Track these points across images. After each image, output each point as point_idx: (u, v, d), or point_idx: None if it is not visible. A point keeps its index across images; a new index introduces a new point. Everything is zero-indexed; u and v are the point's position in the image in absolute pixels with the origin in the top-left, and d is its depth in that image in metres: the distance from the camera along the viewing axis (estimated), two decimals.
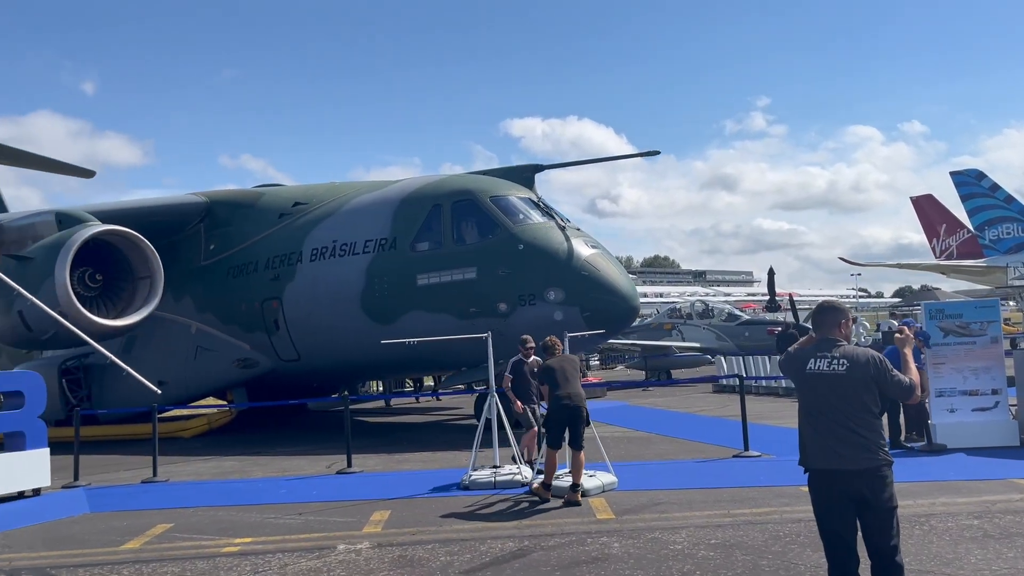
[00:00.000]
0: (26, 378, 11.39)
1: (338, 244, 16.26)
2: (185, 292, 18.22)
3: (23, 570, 7.18)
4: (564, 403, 9.08)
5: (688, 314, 31.15)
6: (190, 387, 18.15)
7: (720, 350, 28.10)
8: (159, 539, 8.15)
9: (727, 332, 29.36)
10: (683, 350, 29.39)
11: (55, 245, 14.98)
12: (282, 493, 10.31)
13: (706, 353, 29.03)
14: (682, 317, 31.17)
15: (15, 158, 25.88)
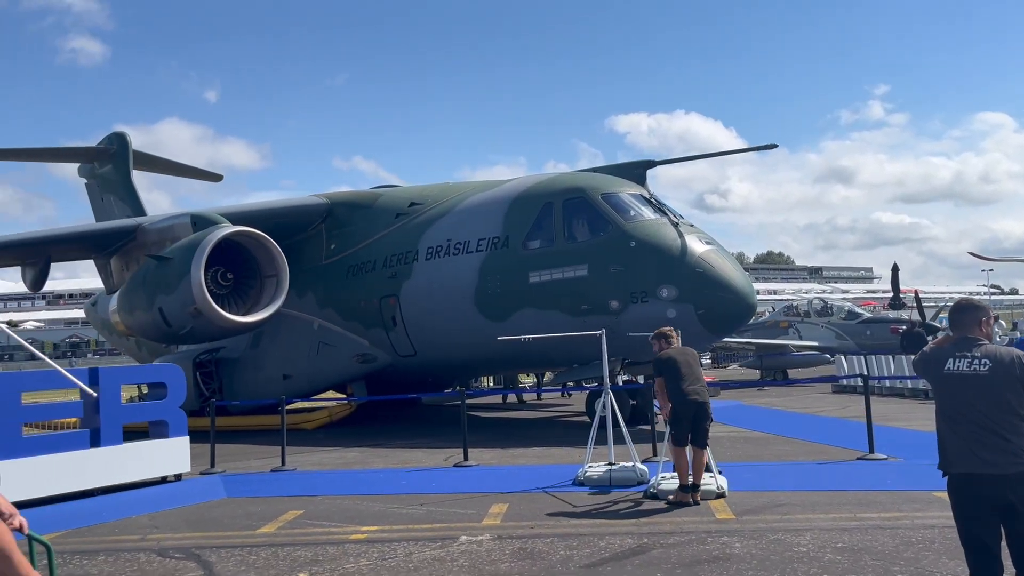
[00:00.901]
0: (168, 370, 12.17)
1: (452, 243, 16.62)
2: (308, 290, 19.01)
3: (171, 549, 7.72)
4: (690, 398, 8.90)
5: (805, 312, 30.19)
6: (313, 381, 18.93)
7: (840, 349, 27.12)
8: (291, 524, 8.58)
9: (847, 330, 28.30)
10: (800, 349, 28.50)
11: (191, 246, 15.94)
12: (403, 484, 10.65)
13: (825, 352, 28.06)
14: (799, 315, 30.23)
15: (153, 164, 27.67)
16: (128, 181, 25.64)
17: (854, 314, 29.57)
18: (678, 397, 8.92)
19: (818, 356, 28.31)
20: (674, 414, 8.96)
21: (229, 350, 19.81)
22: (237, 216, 17.65)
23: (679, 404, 8.91)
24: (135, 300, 17.04)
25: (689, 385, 8.93)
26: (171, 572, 6.91)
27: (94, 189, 26.90)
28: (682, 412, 8.89)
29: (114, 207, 25.71)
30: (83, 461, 10.50)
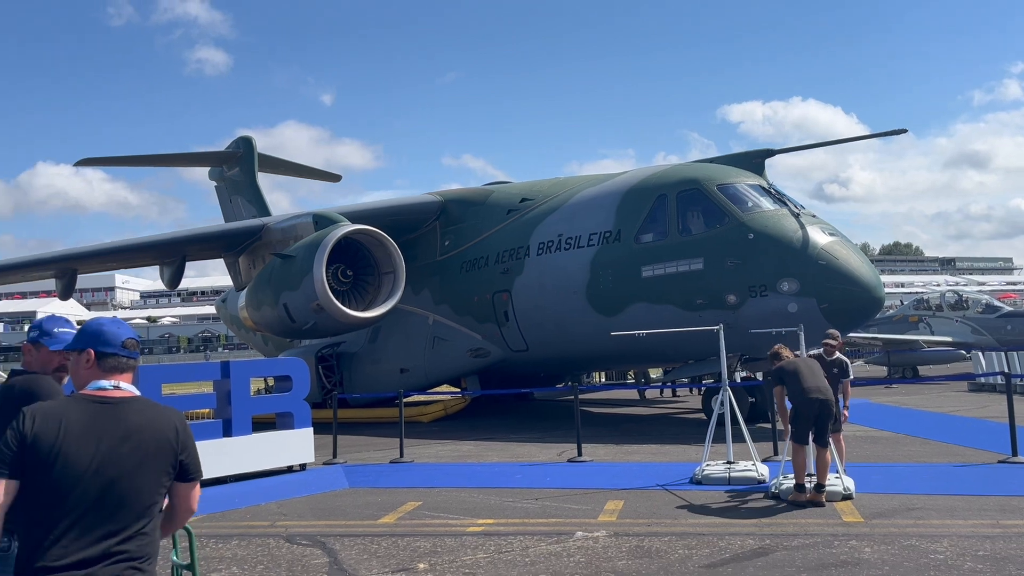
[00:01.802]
0: (293, 364, 12.69)
1: (563, 238, 16.59)
2: (423, 286, 19.41)
3: (298, 536, 8.03)
4: (811, 396, 8.58)
5: (937, 305, 28.52)
6: (428, 375, 19.33)
7: (976, 345, 25.50)
8: (410, 515, 8.77)
9: (985, 325, 26.57)
10: (932, 344, 26.97)
11: (313, 244, 16.55)
12: (517, 478, 10.72)
13: (959, 348, 26.46)
14: (930, 309, 28.60)
15: (276, 166, 28.90)
16: (254, 183, 26.88)
17: (993, 307, 27.73)
18: (799, 397, 8.63)
19: (952, 352, 26.74)
20: (795, 412, 8.68)
21: (349, 344, 20.48)
22: (356, 215, 18.20)
23: (800, 403, 8.62)
24: (261, 297, 17.85)
25: (810, 383, 8.62)
26: (298, 558, 7.19)
27: (223, 191, 28.33)
28: (803, 410, 8.59)
29: (241, 208, 27.01)
30: (216, 450, 11.06)
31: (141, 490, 2.90)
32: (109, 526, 2.84)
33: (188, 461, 3.03)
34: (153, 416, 2.99)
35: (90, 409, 2.93)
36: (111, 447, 2.87)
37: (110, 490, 2.85)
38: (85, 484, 2.83)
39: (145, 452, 2.91)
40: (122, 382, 3.06)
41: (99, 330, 3.11)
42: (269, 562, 7.10)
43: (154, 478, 2.93)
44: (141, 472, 2.90)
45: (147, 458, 2.91)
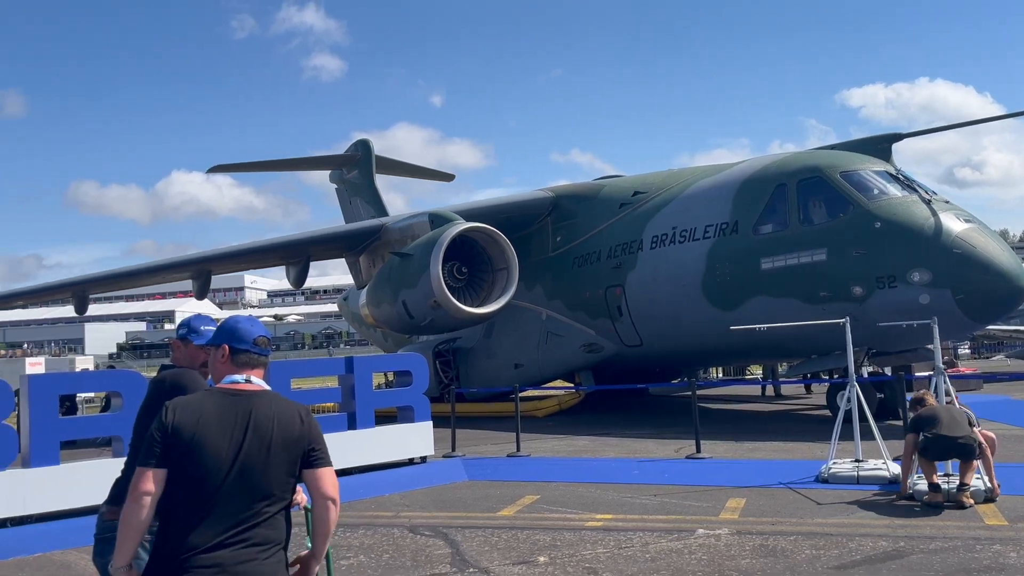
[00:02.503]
0: (413, 360, 13.01)
1: (678, 231, 16.33)
2: (536, 281, 19.53)
3: (421, 527, 8.26)
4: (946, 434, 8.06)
5: None
6: (542, 370, 19.44)
7: None
8: (529, 509, 8.86)
9: None
10: None
11: (429, 243, 16.94)
12: (635, 474, 10.64)
13: None
14: None
15: (392, 168, 29.71)
16: (372, 184, 27.73)
17: None
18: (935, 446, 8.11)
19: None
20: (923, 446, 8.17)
21: (465, 340, 20.84)
22: (469, 213, 18.49)
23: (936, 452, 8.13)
24: (381, 294, 18.41)
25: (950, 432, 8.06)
26: (422, 548, 7.39)
27: (343, 193, 29.35)
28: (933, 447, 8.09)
29: (361, 209, 27.91)
30: (342, 442, 11.46)
31: (269, 478, 3.04)
32: (240, 512, 3.01)
33: (315, 448, 3.14)
34: (280, 409, 3.14)
35: (223, 401, 3.13)
36: (241, 437, 3.04)
37: (241, 478, 3.01)
38: (218, 472, 3.01)
39: (272, 442, 3.06)
40: (253, 376, 3.24)
41: (234, 327, 3.31)
42: (394, 551, 7.33)
43: (281, 467, 3.06)
44: (268, 461, 3.04)
45: (274, 448, 3.06)
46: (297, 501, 3.80)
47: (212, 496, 3.01)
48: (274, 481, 3.05)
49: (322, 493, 3.14)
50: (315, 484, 3.14)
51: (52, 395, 9.77)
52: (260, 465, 3.03)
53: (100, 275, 21.30)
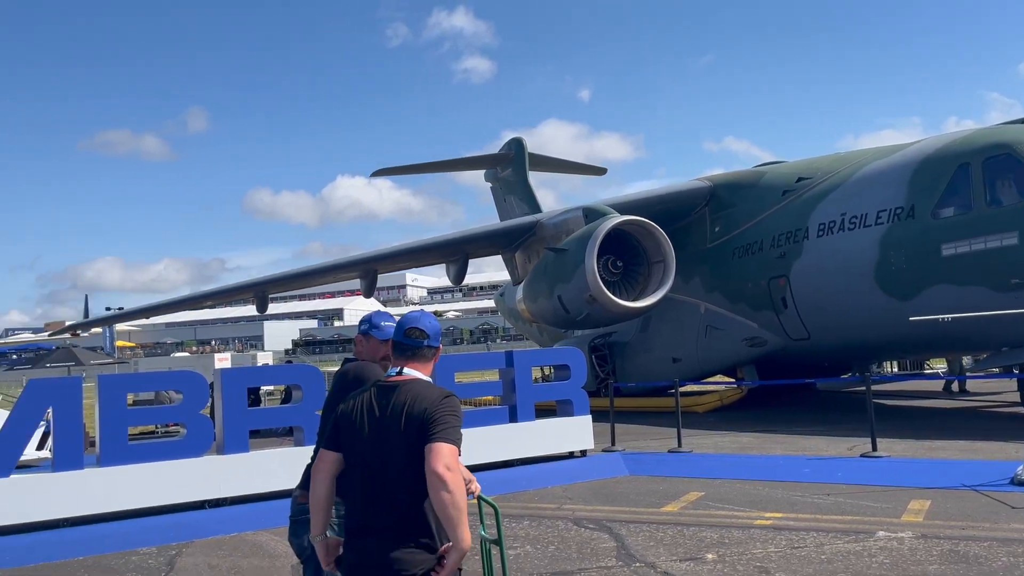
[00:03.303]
0: (570, 354, 13.08)
1: (847, 217, 15.48)
2: (693, 274, 19.11)
3: (584, 520, 8.30)
4: None
5: None
6: (702, 364, 19.00)
7: None
8: (693, 505, 8.71)
9: None
10: None
11: (584, 237, 16.95)
12: (806, 472, 10.20)
13: None
14: None
15: (545, 164, 29.96)
16: (525, 182, 28.08)
17: None
18: None
19: None
20: None
21: (620, 334, 20.71)
22: (623, 206, 18.36)
23: None
24: (537, 289, 18.62)
25: None
26: (587, 541, 7.43)
27: (497, 192, 29.91)
28: None
29: (515, 206, 28.34)
30: (503, 435, 11.73)
31: (406, 463, 3.11)
32: (380, 498, 3.14)
33: (431, 423, 3.06)
34: (418, 394, 3.19)
35: (375, 392, 3.29)
36: (381, 426, 3.18)
37: (381, 465, 3.15)
38: (364, 459, 3.20)
39: (401, 427, 3.14)
40: (407, 367, 3.34)
41: (397, 322, 3.50)
42: (560, 543, 7.41)
43: (410, 453, 3.10)
44: (402, 446, 3.12)
45: (404, 432, 3.13)
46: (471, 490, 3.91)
47: (360, 482, 3.20)
48: (410, 466, 3.09)
49: (429, 468, 3.00)
50: (425, 458, 3.04)
51: (242, 388, 10.57)
52: (394, 452, 3.13)
53: (278, 276, 22.81)
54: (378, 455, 3.15)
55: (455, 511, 2.96)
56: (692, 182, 19.91)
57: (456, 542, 3.01)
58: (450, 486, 2.95)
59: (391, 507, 3.09)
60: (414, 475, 3.06)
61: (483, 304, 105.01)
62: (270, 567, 7.15)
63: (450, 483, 2.96)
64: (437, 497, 2.96)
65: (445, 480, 2.95)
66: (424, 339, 3.38)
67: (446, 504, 2.95)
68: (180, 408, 10.49)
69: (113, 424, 9.57)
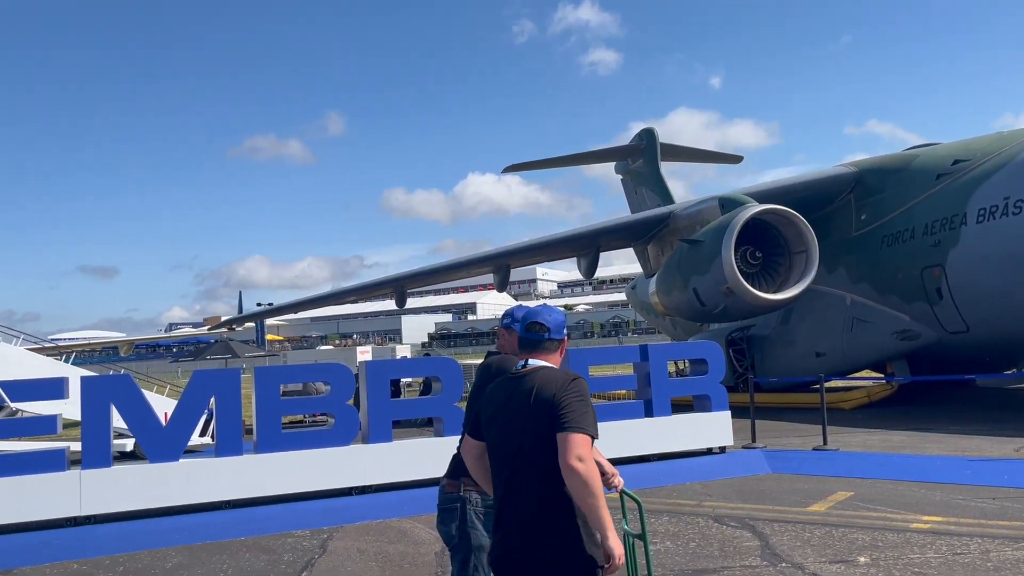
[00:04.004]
0: (708, 348, 12.76)
1: (1011, 201, 14.35)
2: (838, 264, 18.25)
3: (725, 517, 8.11)
4: None
5: None
6: (847, 359, 18.12)
7: None
8: (842, 505, 8.34)
9: None
10: None
11: (720, 228, 16.51)
12: (967, 474, 9.55)
13: None
14: None
15: (677, 154, 29.41)
16: (657, 172, 27.65)
17: None
18: None
19: None
20: None
21: (760, 327, 20.07)
22: (761, 194, 17.75)
23: None
24: (671, 282, 18.30)
25: None
26: (729, 539, 7.26)
27: (628, 183, 29.61)
28: None
29: (646, 198, 27.97)
30: (639, 429, 11.61)
31: (529, 453, 3.11)
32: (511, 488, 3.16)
33: (560, 412, 3.02)
34: (545, 378, 3.17)
35: (504, 383, 3.34)
36: (512, 415, 3.20)
37: (516, 453, 3.17)
38: (497, 448, 3.25)
39: (530, 414, 3.13)
40: (532, 359, 3.35)
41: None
42: (701, 540, 7.28)
43: (536, 441, 3.09)
44: (525, 436, 3.13)
45: (533, 419, 3.11)
46: (614, 484, 3.90)
47: (499, 472, 3.26)
48: (538, 454, 3.08)
49: (560, 459, 2.98)
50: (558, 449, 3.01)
51: (385, 379, 10.98)
52: (526, 440, 3.13)
53: (415, 272, 23.51)
54: (512, 444, 3.19)
55: (592, 500, 2.95)
56: (836, 168, 19.00)
57: (600, 531, 3.00)
58: (583, 477, 2.93)
59: (528, 496, 3.10)
60: (548, 462, 3.05)
61: (613, 297, 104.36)
62: (415, 553, 7.40)
63: (583, 474, 2.94)
64: (572, 488, 2.95)
65: (577, 471, 2.94)
66: (545, 332, 3.39)
67: (581, 495, 2.95)
68: (328, 399, 11.01)
69: (269, 413, 10.16)
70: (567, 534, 3.03)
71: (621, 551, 3.04)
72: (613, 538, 3.00)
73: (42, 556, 7.97)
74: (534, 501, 3.09)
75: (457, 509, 4.14)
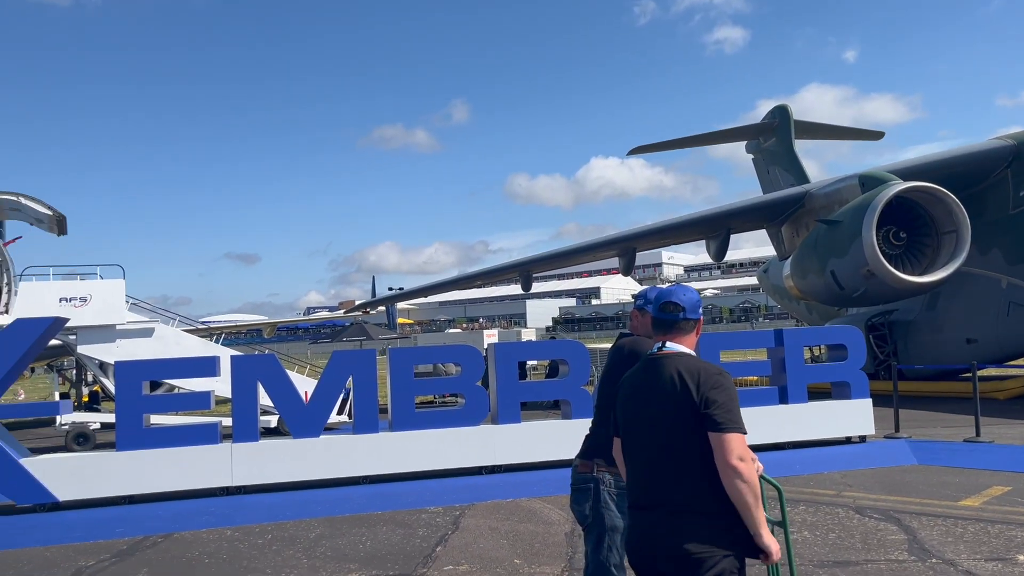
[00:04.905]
0: (848, 333, 12.18)
1: None
2: (992, 245, 17.01)
3: (867, 509, 7.75)
4: None
5: None
6: (1003, 346, 16.88)
7: None
8: (998, 501, 7.81)
9: None
10: None
11: (861, 207, 15.69)
12: None
13: None
14: None
15: (813, 132, 28.17)
16: (791, 151, 26.58)
17: None
18: None
19: None
20: None
21: (903, 312, 19.02)
22: (904, 172, 16.73)
23: None
24: (806, 264, 17.58)
25: None
26: (872, 531, 6.94)
27: (760, 163, 28.61)
28: None
29: (779, 178, 26.95)
30: (773, 416, 11.25)
31: (670, 440, 3.03)
32: (651, 474, 3.09)
33: (712, 411, 2.96)
34: (687, 369, 3.06)
35: (641, 367, 3.26)
36: (649, 402, 3.13)
37: (647, 440, 3.11)
38: (632, 434, 3.20)
39: (668, 402, 3.04)
40: (668, 341, 3.25)
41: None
42: (841, 531, 6.99)
43: (678, 429, 3.01)
44: (665, 423, 3.04)
45: (670, 408, 3.03)
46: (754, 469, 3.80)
47: (633, 456, 3.21)
48: (674, 444, 3.03)
49: (720, 458, 2.94)
50: (713, 448, 2.97)
51: (513, 362, 11.12)
52: (658, 428, 3.07)
53: (541, 256, 23.61)
54: (650, 429, 3.14)
55: (751, 500, 2.93)
56: (991, 141, 17.66)
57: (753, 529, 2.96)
58: (745, 477, 2.93)
59: (663, 482, 3.06)
60: (689, 452, 3.01)
61: (743, 281, 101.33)
62: (545, 533, 7.48)
63: (745, 474, 2.93)
64: (732, 487, 2.93)
65: (740, 471, 2.92)
66: (680, 312, 3.31)
67: (741, 495, 2.92)
68: (459, 380, 11.25)
69: (403, 392, 10.51)
70: (710, 526, 2.99)
71: (777, 547, 3.00)
72: (767, 536, 2.98)
73: (199, 522, 8.56)
74: (675, 490, 3.04)
75: (590, 489, 4.14)
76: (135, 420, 9.81)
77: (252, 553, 7.27)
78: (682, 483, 3.02)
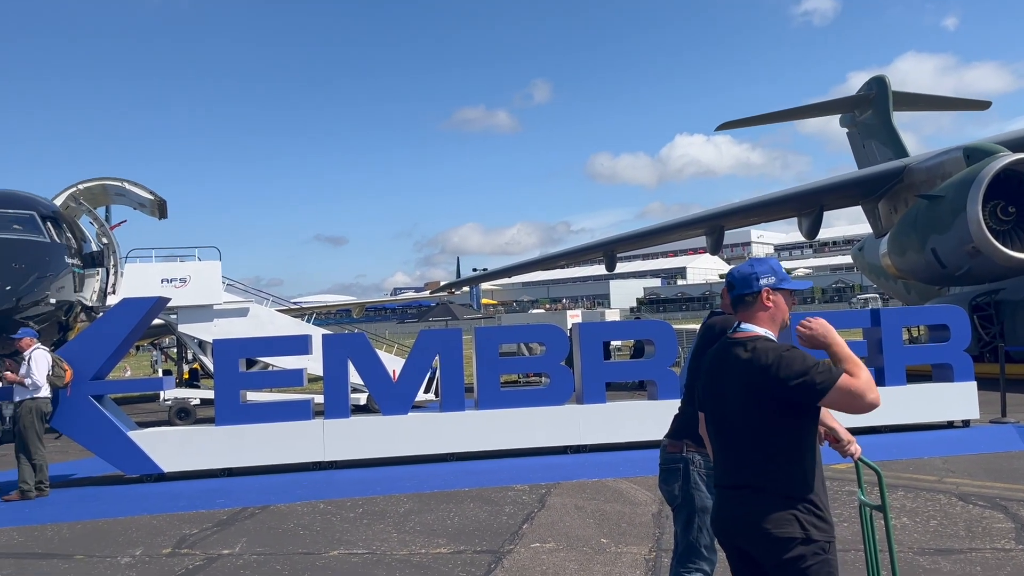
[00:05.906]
0: (951, 312, 11.64)
1: None
2: None
3: (971, 496, 7.40)
4: None
5: None
6: None
7: None
8: None
9: None
10: None
11: (966, 181, 14.94)
12: None
13: None
14: None
15: (913, 103, 26.93)
16: (888, 124, 25.43)
17: None
18: None
19: None
20: None
21: (1011, 291, 18.02)
22: (1014, 143, 15.85)
23: None
24: (905, 242, 16.88)
25: None
26: (976, 519, 6.62)
27: (855, 137, 27.50)
28: None
29: (875, 152, 25.85)
30: None
31: (746, 423, 2.94)
32: (731, 455, 3.02)
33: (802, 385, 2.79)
34: (757, 354, 2.94)
35: (717, 349, 3.17)
36: (725, 383, 3.04)
37: (725, 422, 3.04)
38: (712, 416, 3.13)
39: (740, 387, 2.95)
40: (744, 322, 3.12)
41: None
42: (943, 518, 6.70)
43: (757, 413, 2.91)
44: (742, 406, 2.95)
45: (743, 393, 2.94)
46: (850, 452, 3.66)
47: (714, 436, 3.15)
48: (751, 427, 2.94)
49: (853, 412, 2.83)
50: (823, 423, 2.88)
51: (597, 341, 11.06)
52: (735, 411, 2.99)
53: (626, 235, 23.37)
54: (726, 412, 3.08)
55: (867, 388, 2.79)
56: None
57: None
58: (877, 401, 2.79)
59: (740, 462, 3.01)
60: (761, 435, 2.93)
61: (835, 260, 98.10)
62: (632, 513, 7.42)
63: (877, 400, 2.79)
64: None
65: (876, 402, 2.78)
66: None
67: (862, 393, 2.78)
68: (543, 359, 11.26)
69: (489, 371, 10.58)
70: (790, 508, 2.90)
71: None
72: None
73: (293, 495, 8.85)
74: (753, 471, 2.98)
75: (679, 469, 4.08)
76: (233, 396, 10.20)
77: (344, 526, 7.47)
78: (760, 465, 2.95)
